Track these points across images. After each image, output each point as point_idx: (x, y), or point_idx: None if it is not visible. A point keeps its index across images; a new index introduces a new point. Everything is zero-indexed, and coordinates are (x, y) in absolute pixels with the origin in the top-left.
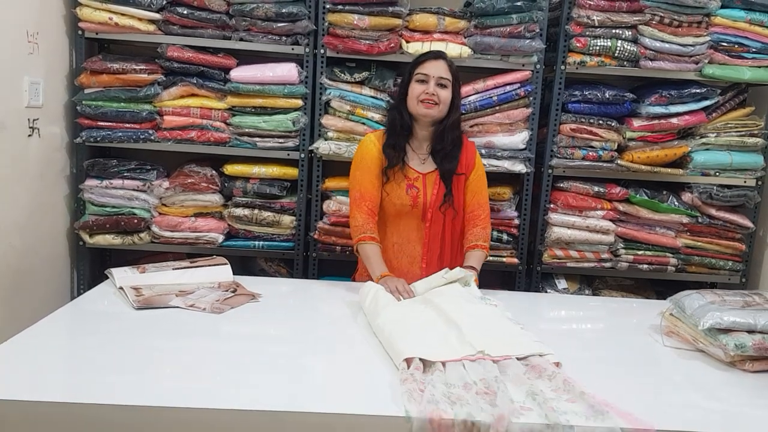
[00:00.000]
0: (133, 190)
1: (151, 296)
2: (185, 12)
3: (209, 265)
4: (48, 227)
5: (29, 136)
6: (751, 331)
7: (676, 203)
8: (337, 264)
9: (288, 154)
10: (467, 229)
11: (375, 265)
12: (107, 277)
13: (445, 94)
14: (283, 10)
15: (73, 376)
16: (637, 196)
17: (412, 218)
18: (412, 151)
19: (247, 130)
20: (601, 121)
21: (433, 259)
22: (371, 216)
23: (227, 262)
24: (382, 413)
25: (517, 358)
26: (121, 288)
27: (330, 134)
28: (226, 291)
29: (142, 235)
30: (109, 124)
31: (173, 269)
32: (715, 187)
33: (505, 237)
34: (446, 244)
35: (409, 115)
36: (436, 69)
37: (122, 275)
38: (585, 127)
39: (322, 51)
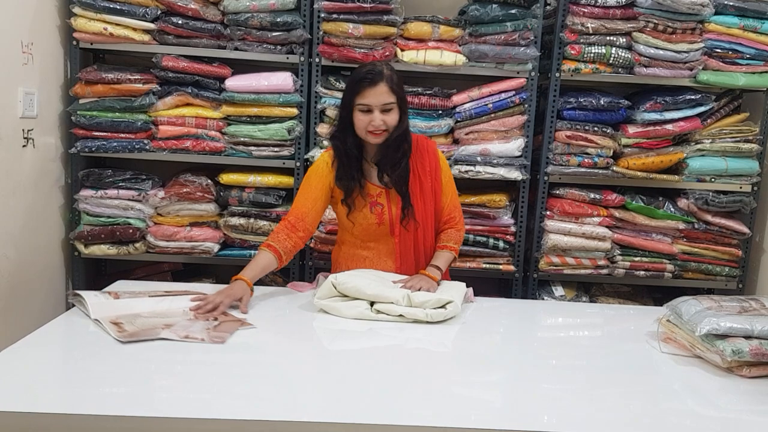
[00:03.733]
0: (129, 200)
1: (136, 331)
2: (180, 22)
3: (185, 294)
4: (43, 238)
5: (24, 146)
6: (748, 337)
7: (672, 209)
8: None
9: (283, 163)
10: (441, 231)
11: (247, 268)
12: (102, 287)
13: (392, 118)
14: (278, 20)
15: (68, 386)
16: (633, 202)
17: (381, 235)
18: (368, 165)
19: (242, 139)
20: (596, 128)
21: (408, 273)
22: (289, 228)
23: (204, 292)
24: (378, 422)
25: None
26: (96, 320)
27: (325, 143)
28: (208, 320)
29: (137, 245)
30: (104, 134)
31: (149, 296)
32: (710, 193)
33: (501, 244)
34: (420, 255)
35: (357, 138)
36: (377, 97)
37: (94, 301)
38: (580, 134)
39: (317, 60)
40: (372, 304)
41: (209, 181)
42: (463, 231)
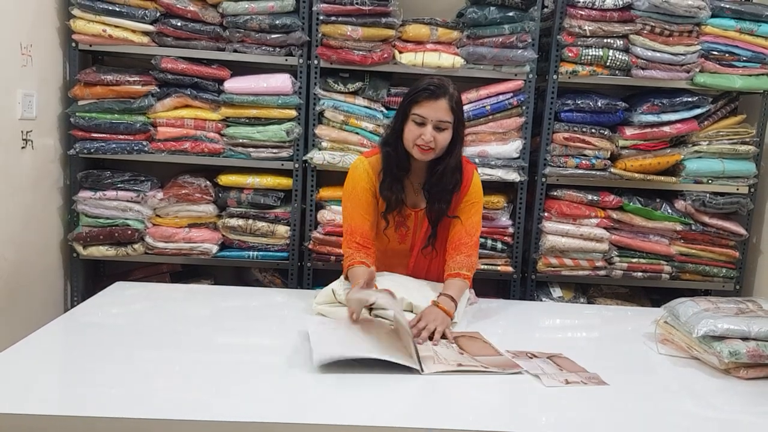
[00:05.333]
0: (127, 201)
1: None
2: (179, 24)
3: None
4: (41, 239)
5: (23, 148)
6: (745, 339)
7: (669, 211)
8: (332, 274)
9: (282, 165)
10: (449, 255)
11: (359, 278)
12: (100, 289)
13: (443, 138)
14: (277, 22)
15: (67, 388)
16: (631, 204)
17: (398, 252)
18: (409, 184)
19: (241, 140)
20: (593, 130)
21: None
22: (362, 248)
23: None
24: (378, 424)
25: None
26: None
27: (324, 144)
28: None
29: (135, 246)
30: (103, 135)
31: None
32: (707, 195)
33: (499, 245)
34: (432, 277)
35: (405, 151)
36: (435, 112)
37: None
38: (578, 135)
39: (315, 62)
40: (370, 310)
41: (208, 182)
42: (475, 259)
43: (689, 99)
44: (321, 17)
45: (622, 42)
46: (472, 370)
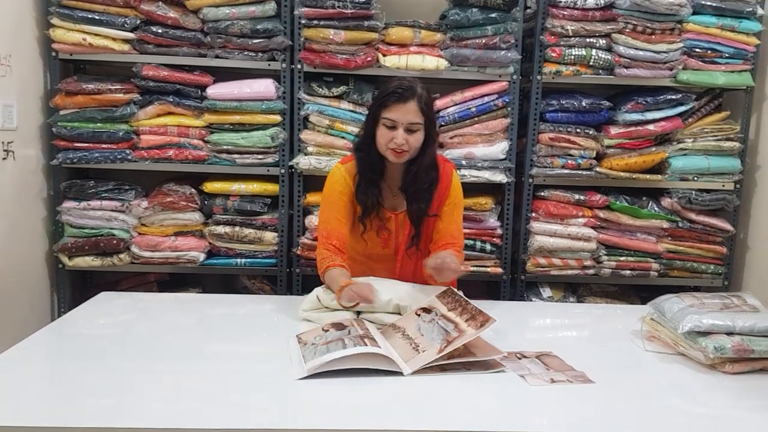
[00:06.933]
0: (112, 210)
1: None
2: (159, 31)
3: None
4: (26, 251)
5: (4, 159)
6: (730, 333)
7: (656, 209)
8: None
9: (268, 170)
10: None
11: (338, 279)
12: (86, 299)
13: (415, 139)
14: (258, 27)
15: (53, 399)
16: (618, 202)
17: (383, 257)
18: (386, 187)
19: (225, 147)
20: (578, 130)
21: None
22: (338, 252)
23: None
24: (370, 427)
25: None
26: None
27: (310, 149)
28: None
29: (121, 256)
30: (86, 145)
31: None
32: (693, 192)
33: (488, 247)
34: (419, 278)
35: (379, 155)
36: (405, 115)
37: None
38: (563, 135)
39: (299, 66)
40: (358, 313)
41: (193, 189)
42: (462, 257)
43: (673, 97)
44: (303, 21)
45: (604, 41)
46: (455, 364)
